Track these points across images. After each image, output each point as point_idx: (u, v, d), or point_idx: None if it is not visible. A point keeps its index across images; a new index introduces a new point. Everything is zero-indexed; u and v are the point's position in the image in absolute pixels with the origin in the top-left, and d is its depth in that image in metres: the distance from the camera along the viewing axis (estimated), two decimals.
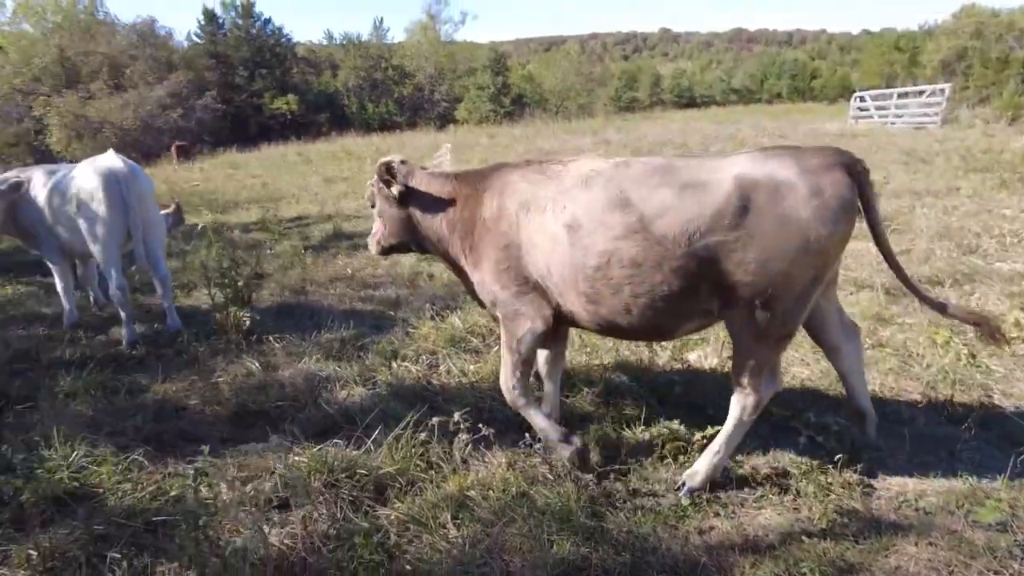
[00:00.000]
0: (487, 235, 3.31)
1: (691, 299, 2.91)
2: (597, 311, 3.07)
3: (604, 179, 2.99)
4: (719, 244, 2.74)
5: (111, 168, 4.75)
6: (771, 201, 2.68)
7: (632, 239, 2.85)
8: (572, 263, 3.01)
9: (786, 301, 2.78)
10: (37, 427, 3.72)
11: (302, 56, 53.31)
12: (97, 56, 37.03)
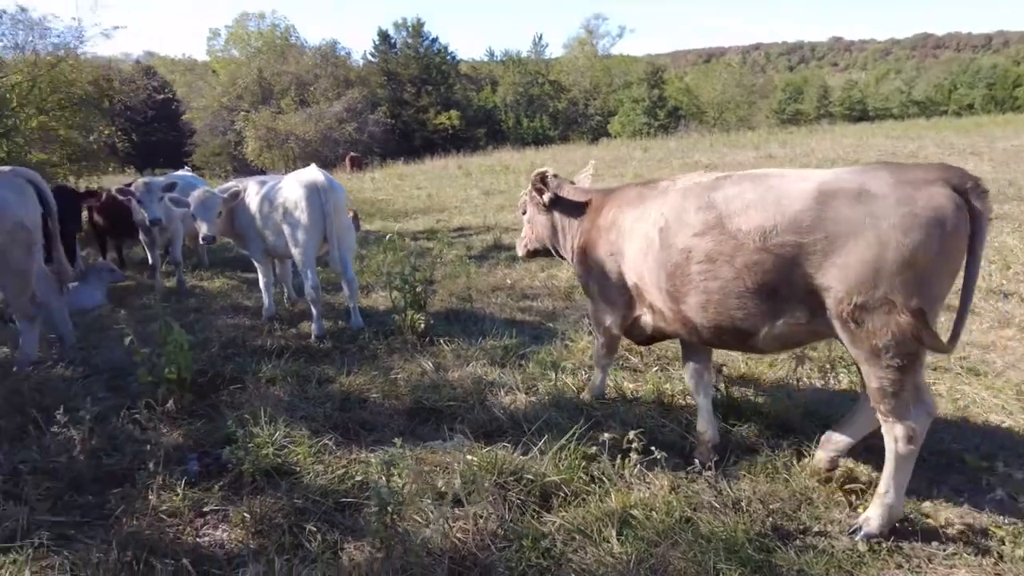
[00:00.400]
0: (599, 241, 3.75)
1: (769, 300, 2.94)
2: (679, 308, 3.26)
3: (699, 188, 3.19)
4: (795, 246, 2.77)
5: (313, 181, 5.34)
6: (850, 207, 2.67)
7: (709, 235, 3.02)
8: (658, 261, 3.27)
9: (879, 315, 2.67)
10: (246, 406, 4.25)
11: (464, 73, 56.08)
12: (288, 76, 41.46)
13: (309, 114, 37.41)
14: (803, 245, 2.75)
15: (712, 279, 3.03)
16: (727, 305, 3.04)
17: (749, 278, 2.92)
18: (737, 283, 2.96)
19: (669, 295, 3.28)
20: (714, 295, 3.05)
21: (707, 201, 3.07)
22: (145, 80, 31.25)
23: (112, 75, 23.04)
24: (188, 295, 7.96)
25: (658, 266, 3.28)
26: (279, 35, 44.57)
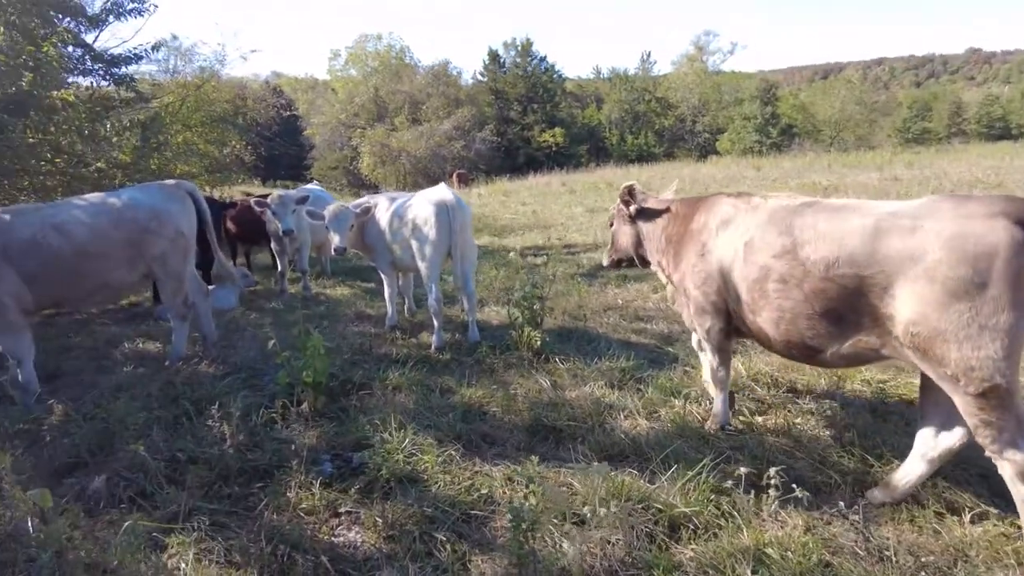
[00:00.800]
0: (691, 242, 4.01)
1: (836, 324, 3.16)
2: (756, 320, 3.54)
3: (785, 211, 3.41)
4: (856, 277, 2.99)
5: (443, 199, 5.54)
6: (902, 240, 2.85)
7: (784, 259, 3.28)
8: (742, 274, 3.54)
9: (941, 345, 2.76)
10: (374, 411, 4.43)
11: (570, 91, 56.42)
12: (401, 94, 43.31)
13: (420, 132, 38.88)
14: (863, 277, 2.97)
15: (785, 298, 3.30)
16: (797, 323, 3.30)
17: (816, 302, 3.17)
18: (805, 305, 3.22)
19: (748, 306, 3.57)
20: (787, 313, 3.32)
21: (787, 225, 3.32)
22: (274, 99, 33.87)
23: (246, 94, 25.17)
24: (314, 302, 8.45)
25: (741, 279, 3.56)
26: (395, 56, 46.70)
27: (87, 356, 6.13)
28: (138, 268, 5.29)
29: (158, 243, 5.28)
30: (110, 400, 4.68)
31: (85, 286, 5.05)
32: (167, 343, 6.46)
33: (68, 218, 4.94)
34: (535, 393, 4.73)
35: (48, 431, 4.06)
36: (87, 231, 4.96)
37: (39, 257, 4.81)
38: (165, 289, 5.48)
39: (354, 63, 46.56)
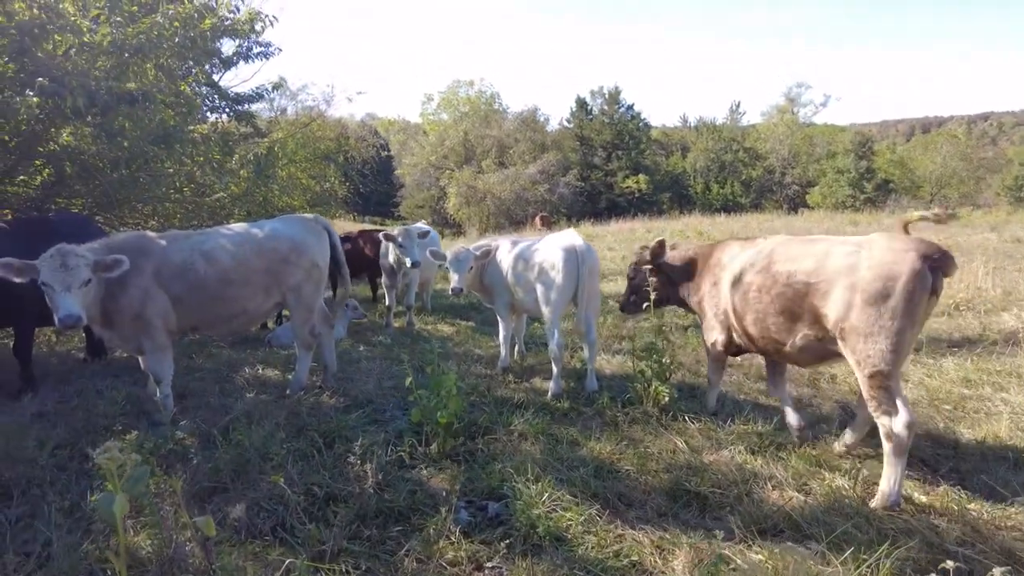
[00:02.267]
0: (706, 274, 5.12)
1: (795, 323, 4.26)
2: (741, 323, 4.67)
3: (773, 243, 4.55)
4: (805, 284, 4.11)
5: (572, 245, 5.47)
6: (844, 259, 3.92)
7: (763, 274, 4.41)
8: (737, 290, 4.64)
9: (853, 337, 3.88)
10: (502, 458, 4.30)
11: (655, 139, 56.34)
12: (490, 138, 44.39)
13: (506, 175, 39.65)
14: (811, 284, 4.08)
15: (758, 304, 4.44)
16: (767, 323, 4.42)
17: (778, 304, 4.30)
18: (771, 306, 4.36)
19: (735, 313, 4.70)
20: (759, 314, 4.46)
21: (770, 251, 4.46)
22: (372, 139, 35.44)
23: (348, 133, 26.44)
24: (420, 338, 8.50)
25: (735, 292, 4.66)
26: (484, 102, 48.12)
27: (211, 379, 6.31)
28: (274, 296, 5.45)
29: (295, 273, 5.42)
30: (242, 426, 4.76)
31: (226, 311, 5.22)
32: (285, 370, 6.61)
33: (215, 246, 5.15)
34: (669, 454, 4.47)
35: (194, 453, 4.12)
36: (231, 259, 5.15)
37: (187, 281, 5.01)
38: (295, 318, 5.61)
39: (446, 107, 48.21)
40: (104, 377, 6.44)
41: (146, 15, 8.52)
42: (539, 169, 40.85)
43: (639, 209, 42.40)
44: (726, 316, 4.81)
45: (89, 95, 6.79)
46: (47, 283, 4.37)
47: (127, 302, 4.82)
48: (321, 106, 23.70)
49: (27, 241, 5.56)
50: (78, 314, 4.34)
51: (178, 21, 8.59)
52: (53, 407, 5.44)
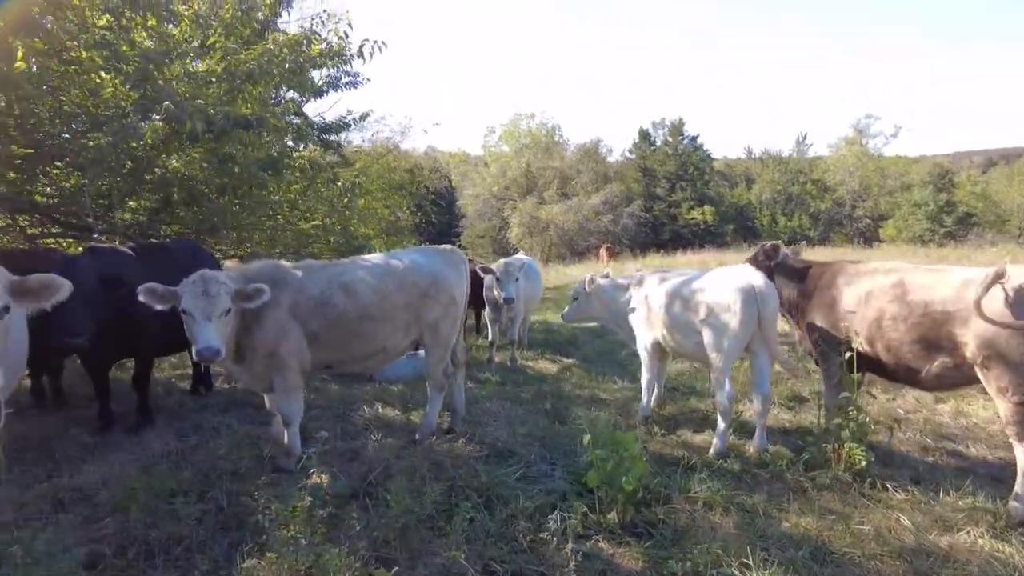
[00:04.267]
0: (818, 297, 5.11)
1: (932, 351, 4.28)
2: (873, 349, 4.59)
3: (899, 272, 4.59)
4: (946, 313, 4.15)
5: (751, 284, 4.84)
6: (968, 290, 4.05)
7: (896, 303, 4.42)
8: (862, 316, 4.64)
9: None
10: (691, 533, 3.70)
11: (719, 170, 55.25)
12: (551, 169, 44.19)
13: (569, 206, 39.25)
14: (950, 313, 4.10)
15: (893, 331, 4.43)
16: (902, 351, 4.41)
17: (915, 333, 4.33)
18: (907, 335, 4.37)
19: (867, 340, 4.62)
20: (894, 343, 4.44)
21: (900, 279, 4.49)
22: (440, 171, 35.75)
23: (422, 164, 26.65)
24: (521, 372, 7.99)
25: (862, 319, 4.64)
26: (545, 133, 48.10)
27: (328, 417, 5.89)
28: (412, 334, 5.01)
29: (434, 309, 4.98)
30: (382, 477, 4.29)
31: (364, 349, 4.80)
32: (402, 408, 6.16)
33: (355, 278, 4.75)
34: (890, 533, 3.77)
35: (354, 518, 3.64)
36: (372, 292, 4.73)
37: (324, 316, 4.62)
38: (431, 357, 5.14)
39: (507, 139, 48.31)
40: (215, 412, 6.11)
41: (257, 41, 8.46)
42: (602, 200, 40.31)
43: (704, 240, 41.35)
44: (843, 339, 4.75)
45: (206, 119, 6.62)
46: (187, 311, 4.04)
47: (262, 337, 4.45)
48: (396, 137, 23.87)
49: (148, 267, 5.34)
50: (217, 347, 3.97)
51: (287, 47, 8.49)
52: (175, 446, 5.09)
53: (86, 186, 6.79)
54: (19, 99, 6.05)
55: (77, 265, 4.77)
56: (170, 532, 3.56)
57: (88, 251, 5.33)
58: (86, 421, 5.70)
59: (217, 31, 7.83)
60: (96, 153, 6.20)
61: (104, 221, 7.78)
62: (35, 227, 8.85)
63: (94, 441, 5.20)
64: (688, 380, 7.28)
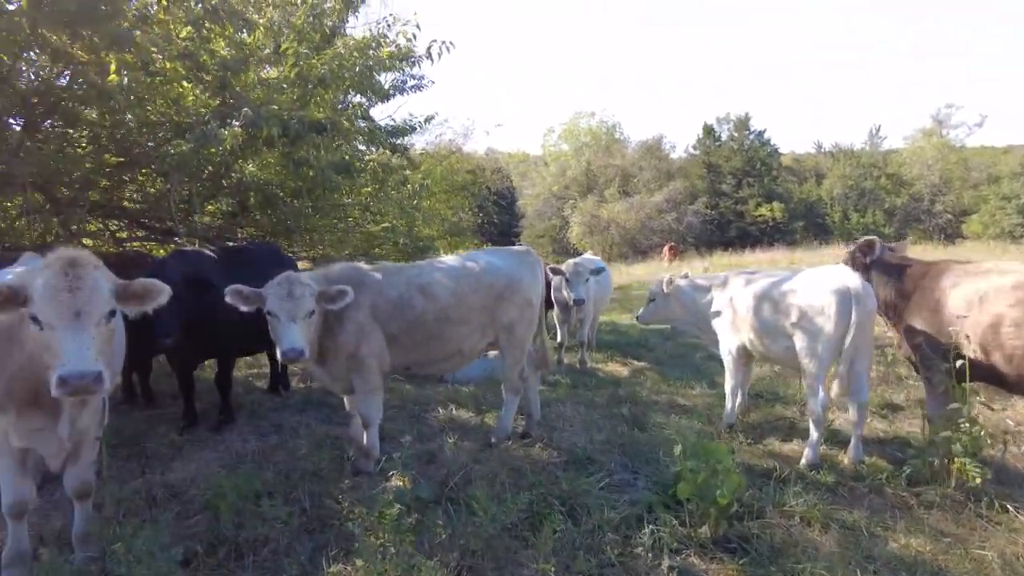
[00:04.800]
0: (920, 298, 4.81)
1: None
2: (988, 359, 4.29)
3: (1017, 273, 4.31)
4: None
5: (846, 286, 4.54)
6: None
7: (1019, 307, 4.12)
8: (975, 321, 4.32)
9: None
10: (790, 551, 3.47)
11: (786, 165, 53.38)
12: (612, 168, 43.67)
13: (631, 204, 38.67)
14: None
15: (1018, 339, 4.10)
16: None
17: None
18: None
19: (981, 347, 4.29)
20: (1019, 351, 4.10)
21: (1018, 281, 4.19)
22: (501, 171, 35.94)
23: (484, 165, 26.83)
24: (591, 375, 7.83)
25: (975, 324, 4.30)
26: (606, 131, 47.60)
27: (403, 418, 5.91)
28: (488, 336, 4.94)
29: (510, 311, 4.89)
30: (462, 482, 4.23)
31: (441, 351, 4.76)
32: (476, 411, 6.11)
33: (432, 280, 4.72)
34: (1018, 559, 3.45)
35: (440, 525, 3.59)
36: (450, 295, 4.69)
37: (403, 318, 4.60)
38: (506, 360, 5.06)
39: (567, 138, 48.04)
40: (293, 411, 6.22)
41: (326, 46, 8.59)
42: (665, 197, 39.53)
43: (773, 238, 39.98)
44: (949, 344, 4.43)
45: (282, 124, 6.75)
46: (273, 312, 4.10)
47: (344, 338, 4.46)
48: (459, 139, 24.04)
49: (230, 269, 5.46)
50: (301, 348, 4.01)
51: (357, 51, 8.60)
52: (256, 446, 5.18)
53: (170, 191, 7.03)
54: (111, 110, 6.31)
55: (165, 267, 4.91)
56: (257, 534, 3.59)
57: (174, 254, 5.50)
58: (172, 419, 5.89)
59: (290, 37, 7.99)
60: (179, 159, 6.40)
61: (185, 224, 8.07)
62: (123, 231, 9.30)
63: (181, 439, 5.35)
64: (770, 385, 6.94)
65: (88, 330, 2.72)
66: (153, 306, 3.10)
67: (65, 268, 2.77)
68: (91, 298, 2.76)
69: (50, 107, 6.52)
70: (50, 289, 2.71)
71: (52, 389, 2.65)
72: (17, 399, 3.01)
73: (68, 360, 2.63)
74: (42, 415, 3.07)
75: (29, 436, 3.15)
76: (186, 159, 6.46)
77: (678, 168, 46.75)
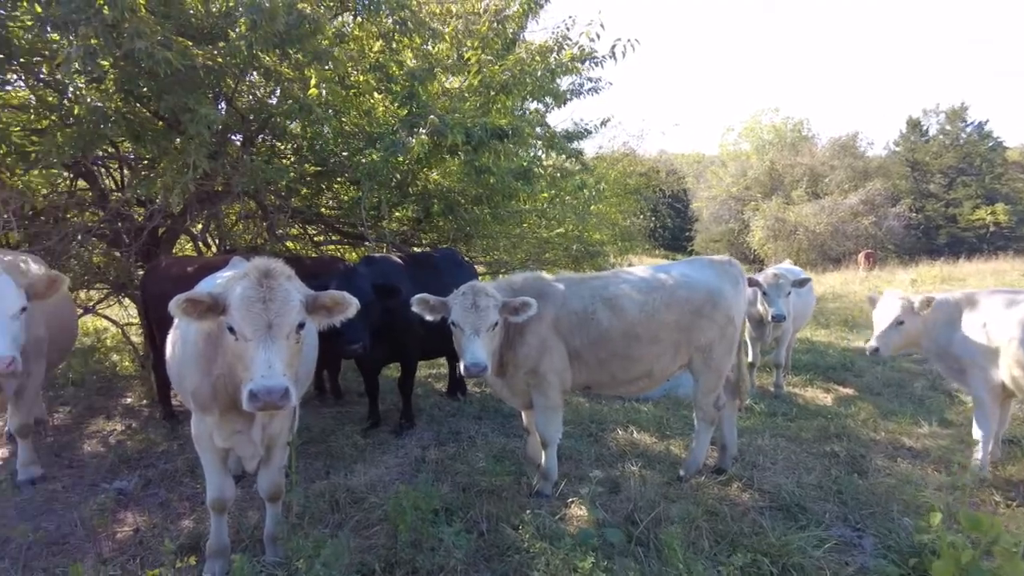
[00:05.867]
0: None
1: None
2: None
3: None
4: None
5: None
6: None
7: None
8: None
9: None
10: None
11: (1014, 161, 45.82)
12: (800, 167, 40.21)
13: (821, 206, 35.24)
14: None
15: None
16: None
17: None
18: None
19: None
20: None
21: None
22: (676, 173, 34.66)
23: (658, 167, 26.01)
24: (789, 402, 6.94)
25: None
26: (791, 128, 44.10)
27: (579, 436, 5.57)
28: (680, 357, 4.44)
29: (708, 330, 4.35)
30: (655, 524, 3.79)
31: (627, 372, 4.35)
32: (659, 435, 5.61)
33: (619, 292, 4.32)
34: None
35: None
36: (639, 310, 4.26)
37: (586, 334, 4.25)
38: (701, 385, 4.51)
39: (747, 137, 45.21)
40: (470, 419, 6.15)
41: (506, 53, 8.54)
42: (861, 199, 35.50)
43: (995, 246, 34.33)
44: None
45: (466, 132, 6.75)
46: (456, 323, 3.95)
47: (525, 352, 4.22)
48: (632, 142, 23.31)
49: (416, 276, 5.49)
50: (484, 363, 3.81)
51: (539, 55, 8.47)
52: (435, 455, 5.12)
53: (361, 199, 7.32)
54: (311, 122, 6.69)
55: (356, 274, 4.99)
56: (434, 562, 3.42)
57: (364, 261, 5.63)
58: (357, 418, 6.07)
59: (473, 45, 8.03)
60: (370, 168, 6.63)
61: (374, 230, 8.43)
62: (320, 235, 9.99)
63: (364, 442, 5.45)
64: None
65: (279, 342, 2.70)
66: (341, 319, 3.05)
67: (260, 279, 2.76)
68: (283, 310, 2.74)
69: (263, 123, 7.08)
70: (245, 300, 2.71)
71: (243, 403, 2.65)
72: (220, 401, 3.09)
73: (258, 374, 2.61)
74: (240, 418, 3.15)
75: (230, 437, 3.26)
76: (376, 168, 6.67)
77: (876, 167, 41.88)
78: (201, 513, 4.17)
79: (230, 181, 6.47)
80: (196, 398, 3.17)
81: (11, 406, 4.58)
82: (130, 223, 7.32)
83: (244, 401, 2.64)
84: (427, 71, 7.08)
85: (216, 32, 5.99)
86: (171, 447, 5.37)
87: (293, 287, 2.87)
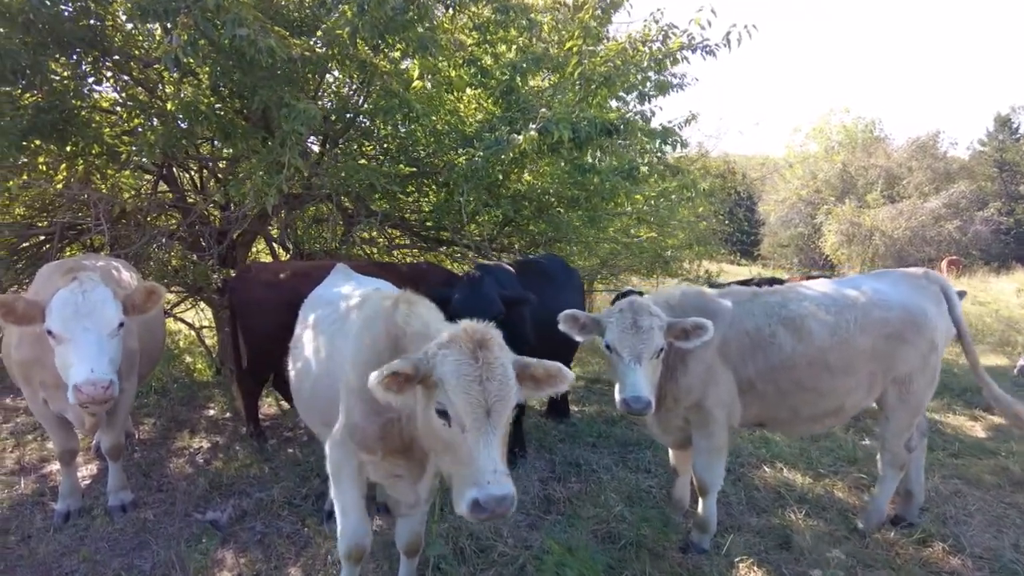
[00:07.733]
0: None
1: None
2: None
3: None
4: None
5: None
6: None
7: None
8: None
9: None
10: None
11: None
12: (875, 169, 38.21)
13: (899, 210, 33.26)
14: None
15: None
16: None
17: None
18: None
19: None
20: None
21: None
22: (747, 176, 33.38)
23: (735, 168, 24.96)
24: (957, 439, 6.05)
25: None
26: (863, 128, 42.15)
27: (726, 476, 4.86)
28: (875, 391, 3.70)
29: (909, 358, 3.60)
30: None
31: (814, 408, 3.63)
32: (815, 476, 4.85)
33: (802, 311, 3.61)
34: None
35: None
36: (828, 332, 3.54)
37: (763, 361, 3.56)
38: (893, 423, 3.75)
39: (815, 138, 43.39)
40: (584, 447, 5.50)
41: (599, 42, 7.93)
42: (943, 202, 33.35)
43: None
44: None
45: (572, 127, 6.14)
46: (613, 347, 3.33)
47: (687, 382, 3.56)
48: (707, 142, 22.34)
49: (528, 284, 4.95)
50: (647, 399, 3.18)
51: (642, 44, 7.79)
52: (560, 492, 4.51)
53: (461, 202, 6.78)
54: (409, 120, 6.15)
55: (482, 284, 4.42)
56: None
57: (479, 269, 5.07)
58: None
59: (575, 33, 7.42)
60: (468, 169, 6.11)
61: (460, 234, 7.91)
62: (402, 238, 9.52)
63: None
64: None
65: (499, 433, 2.14)
66: (551, 393, 2.44)
67: (475, 350, 2.18)
68: (503, 393, 2.17)
69: (347, 123, 6.65)
70: (462, 379, 2.14)
71: (463, 509, 2.09)
72: (390, 443, 2.64)
73: (484, 479, 2.06)
74: (406, 462, 2.73)
75: (387, 479, 2.87)
76: (477, 168, 6.14)
77: (960, 168, 39.45)
78: (308, 558, 3.67)
79: (311, 183, 6.05)
80: (356, 436, 2.67)
81: (104, 425, 4.19)
82: (211, 227, 7.00)
83: (466, 508, 2.08)
84: (533, 61, 6.49)
85: (307, 23, 5.59)
86: (263, 472, 4.92)
87: (508, 359, 2.27)
